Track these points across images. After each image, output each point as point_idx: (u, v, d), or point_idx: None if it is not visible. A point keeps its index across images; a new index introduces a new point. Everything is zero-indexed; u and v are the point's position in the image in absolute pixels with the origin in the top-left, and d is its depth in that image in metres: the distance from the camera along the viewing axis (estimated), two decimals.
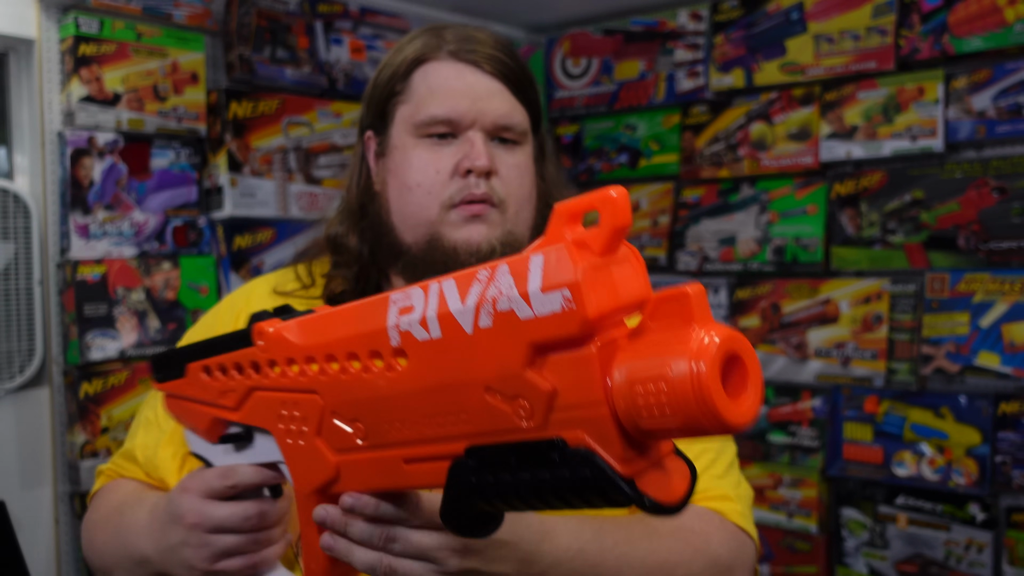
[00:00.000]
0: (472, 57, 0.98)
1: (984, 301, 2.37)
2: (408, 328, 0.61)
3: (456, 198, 0.96)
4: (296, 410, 0.71)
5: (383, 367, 0.64)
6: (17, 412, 2.22)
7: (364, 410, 0.66)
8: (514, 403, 0.56)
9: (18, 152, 2.29)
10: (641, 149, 3.06)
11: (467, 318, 0.57)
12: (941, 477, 2.42)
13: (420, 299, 0.60)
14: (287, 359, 0.71)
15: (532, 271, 0.53)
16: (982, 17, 2.37)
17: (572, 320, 0.51)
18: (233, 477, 0.79)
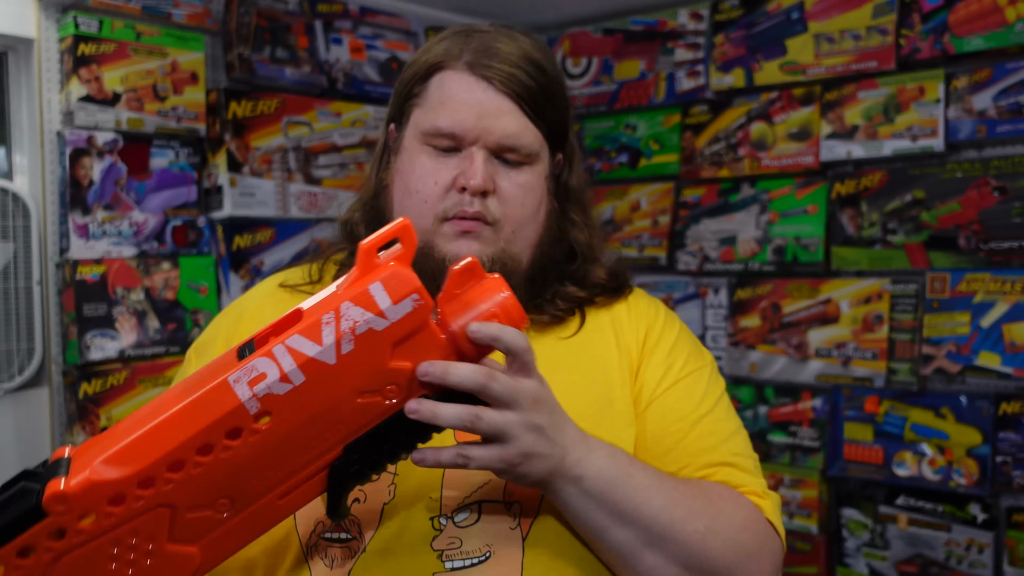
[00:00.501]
0: (486, 72, 0.95)
1: (985, 301, 2.37)
2: (267, 391, 0.70)
3: (450, 212, 0.96)
4: (133, 537, 0.69)
5: (244, 437, 0.70)
6: (16, 412, 2.22)
7: (228, 485, 0.71)
8: (384, 391, 0.73)
9: (17, 152, 2.29)
10: (641, 149, 3.06)
11: (328, 354, 0.70)
12: (942, 477, 2.42)
13: (269, 364, 0.70)
14: (109, 499, 0.67)
15: (377, 295, 0.71)
16: (983, 17, 2.36)
17: (422, 312, 0.73)
18: None
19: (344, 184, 2.74)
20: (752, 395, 2.79)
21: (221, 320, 1.09)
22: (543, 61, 0.99)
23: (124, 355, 2.28)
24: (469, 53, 0.97)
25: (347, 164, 2.76)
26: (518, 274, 0.99)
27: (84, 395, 2.21)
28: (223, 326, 1.06)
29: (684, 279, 2.95)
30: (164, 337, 2.36)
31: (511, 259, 0.98)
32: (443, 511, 0.90)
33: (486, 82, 0.96)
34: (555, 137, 1.02)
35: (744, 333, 2.79)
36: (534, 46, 1.00)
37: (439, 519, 0.90)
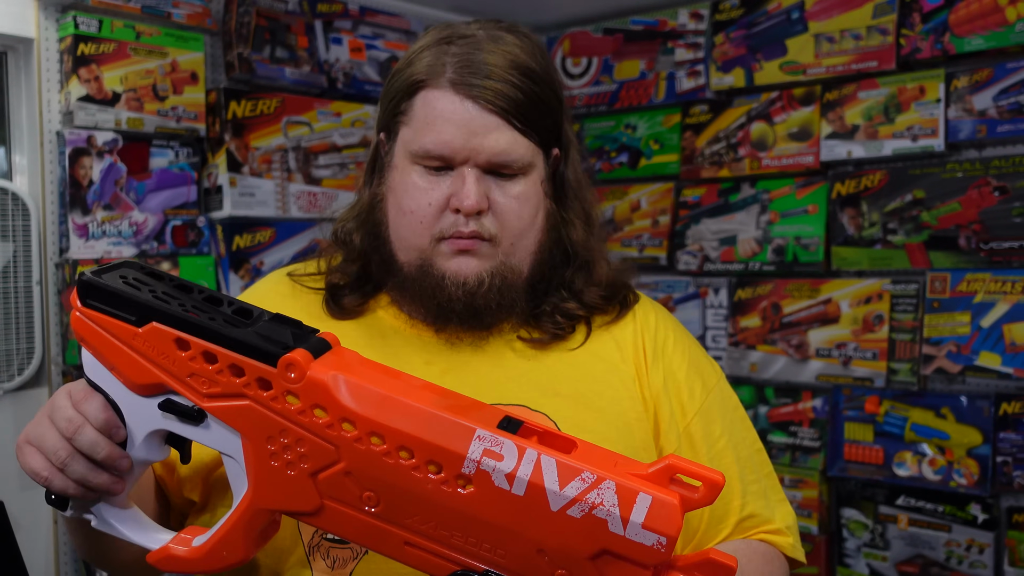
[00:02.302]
0: (471, 91, 0.93)
1: (985, 301, 2.36)
2: (489, 471, 0.69)
3: (447, 232, 0.96)
4: (300, 446, 0.72)
5: (438, 479, 0.70)
6: (16, 412, 2.22)
7: (389, 492, 0.72)
8: (556, 570, 0.70)
9: (17, 152, 2.29)
10: (641, 149, 3.06)
11: (558, 501, 0.68)
12: (942, 477, 2.41)
13: (512, 456, 0.69)
14: (316, 404, 0.71)
15: (638, 505, 0.67)
16: (983, 16, 2.36)
17: (655, 558, 0.68)
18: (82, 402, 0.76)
19: (344, 184, 2.74)
20: (752, 395, 2.79)
21: None
22: (530, 62, 0.97)
23: None
24: (452, 69, 0.95)
25: (347, 164, 2.76)
26: (519, 285, 0.99)
27: None
28: None
29: (684, 279, 2.94)
30: None
31: (511, 271, 0.98)
32: None
33: (471, 101, 0.94)
34: (549, 138, 1.01)
35: (744, 333, 2.79)
36: (522, 47, 0.98)
37: None
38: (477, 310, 0.96)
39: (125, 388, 0.76)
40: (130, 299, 0.73)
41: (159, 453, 0.79)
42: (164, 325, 0.73)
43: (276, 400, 0.72)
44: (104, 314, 0.74)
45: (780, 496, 1.06)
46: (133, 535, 0.79)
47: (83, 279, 0.74)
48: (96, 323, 0.74)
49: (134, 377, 0.74)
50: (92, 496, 0.78)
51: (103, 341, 0.74)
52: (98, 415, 0.75)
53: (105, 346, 0.74)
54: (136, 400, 0.76)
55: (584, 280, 1.05)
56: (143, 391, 0.75)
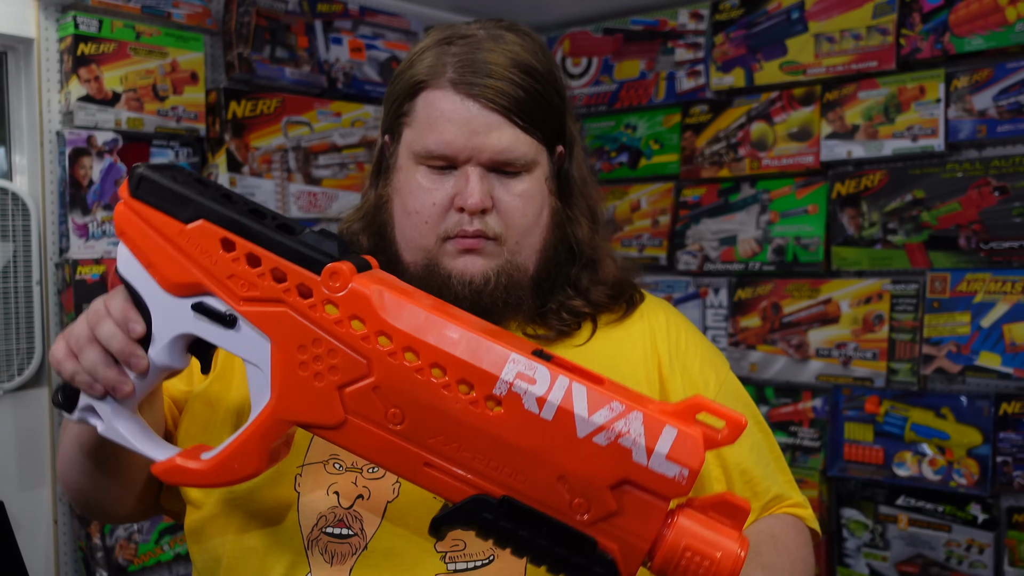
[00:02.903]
0: (471, 90, 0.94)
1: (985, 301, 2.36)
2: (520, 393, 0.70)
3: (451, 232, 0.96)
4: (330, 357, 0.72)
5: (468, 397, 0.71)
6: (16, 412, 2.22)
7: (415, 409, 0.71)
8: (575, 498, 0.70)
9: (17, 152, 2.29)
10: (641, 149, 3.06)
11: (585, 427, 0.69)
12: (942, 477, 2.41)
13: (545, 380, 0.70)
14: (354, 315, 0.72)
15: (663, 437, 0.68)
16: (983, 16, 2.36)
17: (676, 489, 0.68)
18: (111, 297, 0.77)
19: (344, 184, 2.74)
20: (752, 395, 2.78)
21: None
22: (532, 60, 0.97)
23: None
24: (453, 69, 0.95)
25: (347, 164, 2.76)
26: (525, 283, 0.99)
27: None
28: None
29: (684, 279, 2.94)
30: None
31: (517, 269, 0.98)
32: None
33: (472, 100, 0.94)
34: (552, 135, 1.01)
35: (744, 333, 2.79)
36: (523, 45, 0.98)
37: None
38: (484, 309, 0.96)
39: (158, 286, 0.75)
40: (182, 196, 0.74)
41: (180, 360, 0.79)
42: (213, 223, 0.73)
43: (314, 308, 0.72)
44: (153, 207, 0.74)
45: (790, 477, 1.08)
46: (139, 444, 0.79)
47: (137, 171, 0.75)
48: (142, 216, 0.74)
49: (171, 275, 0.74)
50: (99, 391, 0.78)
51: (145, 236, 0.74)
52: (116, 306, 0.76)
53: (146, 241, 0.75)
54: (167, 300, 0.76)
55: (590, 278, 1.05)
56: (177, 290, 0.75)
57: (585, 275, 1.05)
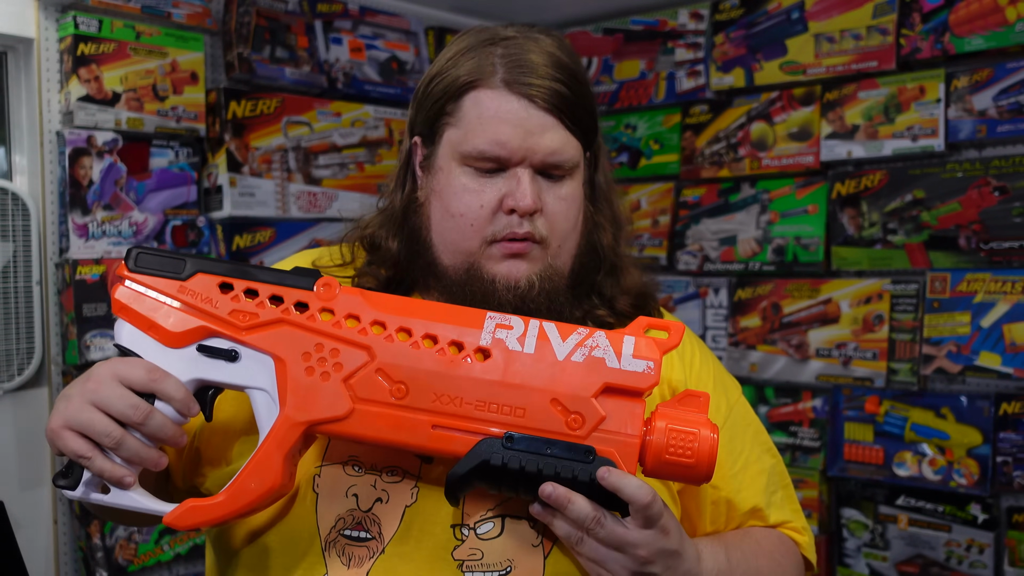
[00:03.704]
0: (527, 90, 0.93)
1: (985, 301, 2.36)
2: (503, 338, 0.83)
3: (499, 235, 0.94)
4: (333, 356, 0.82)
5: (460, 355, 0.82)
6: (16, 412, 2.22)
7: (417, 378, 0.81)
8: (570, 416, 0.81)
9: (17, 152, 2.29)
10: (641, 149, 3.06)
11: (563, 349, 0.82)
12: (942, 477, 2.41)
13: (520, 324, 0.84)
14: (348, 315, 0.83)
15: (626, 344, 0.83)
16: (983, 16, 2.36)
17: (646, 381, 0.82)
18: (159, 385, 0.81)
19: (344, 184, 2.74)
20: (752, 395, 2.79)
21: None
22: (570, 63, 0.97)
23: None
24: (504, 68, 0.94)
25: (347, 164, 2.76)
26: (563, 288, 0.98)
27: None
28: None
29: (684, 279, 2.94)
30: None
31: (556, 273, 0.97)
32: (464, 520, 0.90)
33: (527, 100, 0.93)
34: (589, 138, 1.00)
35: (744, 333, 2.79)
36: (559, 46, 0.97)
37: (461, 528, 0.90)
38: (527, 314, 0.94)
39: (159, 345, 0.84)
40: (176, 259, 0.86)
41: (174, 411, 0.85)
42: (209, 273, 0.85)
43: (312, 318, 0.83)
44: (153, 275, 0.85)
45: (796, 507, 1.09)
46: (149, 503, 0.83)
47: (132, 251, 0.87)
48: (144, 285, 0.85)
49: (172, 328, 0.84)
50: (131, 479, 0.82)
51: (142, 304, 0.85)
52: (176, 393, 0.82)
53: (144, 307, 0.85)
54: (170, 354, 0.84)
55: (613, 286, 1.04)
56: (179, 341, 0.84)
57: (608, 282, 1.04)
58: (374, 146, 2.81)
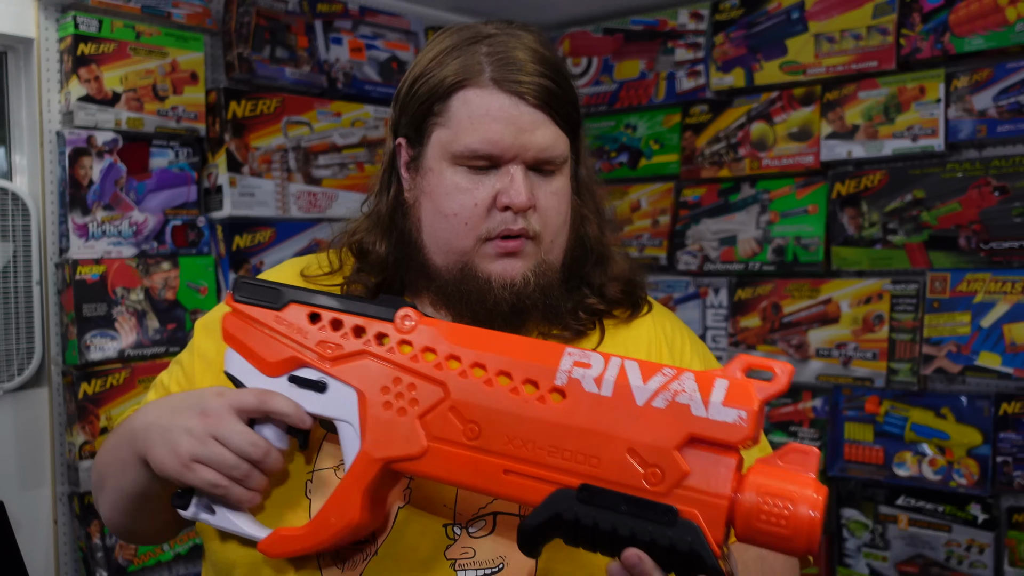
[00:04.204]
0: (516, 87, 0.93)
1: (985, 301, 2.36)
2: (579, 378, 0.76)
3: (494, 232, 0.94)
4: (410, 391, 0.81)
5: (534, 395, 0.77)
6: (16, 412, 2.21)
7: (490, 419, 0.78)
8: (648, 469, 0.73)
9: (17, 152, 2.29)
10: (641, 149, 3.06)
11: (643, 394, 0.74)
12: (942, 477, 2.41)
13: (599, 362, 0.77)
14: (425, 348, 0.82)
15: (716, 388, 0.72)
16: (983, 16, 2.36)
17: (737, 434, 0.71)
18: (270, 403, 0.84)
19: (344, 184, 2.74)
20: None
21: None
22: (553, 58, 0.97)
23: (124, 355, 2.28)
24: (491, 67, 0.93)
25: (347, 164, 2.76)
26: (556, 283, 0.98)
27: (84, 395, 2.21)
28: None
29: (684, 279, 2.94)
30: (164, 337, 2.35)
31: (549, 268, 0.97)
32: (457, 519, 0.90)
33: (517, 97, 0.93)
34: (574, 132, 1.00)
35: (744, 333, 2.79)
36: (540, 42, 0.97)
37: (453, 528, 0.90)
38: (523, 311, 0.96)
39: (259, 374, 0.87)
40: (272, 289, 0.88)
41: (284, 441, 0.88)
42: (300, 303, 0.87)
43: (391, 351, 0.82)
44: (252, 304, 0.89)
45: None
46: (247, 528, 0.88)
47: (238, 279, 0.90)
48: (245, 314, 0.89)
49: (269, 357, 0.87)
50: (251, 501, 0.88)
51: (246, 332, 0.88)
52: (288, 408, 0.85)
53: (247, 335, 0.88)
54: (269, 383, 0.87)
55: (602, 275, 1.05)
56: (275, 370, 0.86)
57: (597, 272, 1.05)
58: (374, 146, 2.81)
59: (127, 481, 0.95)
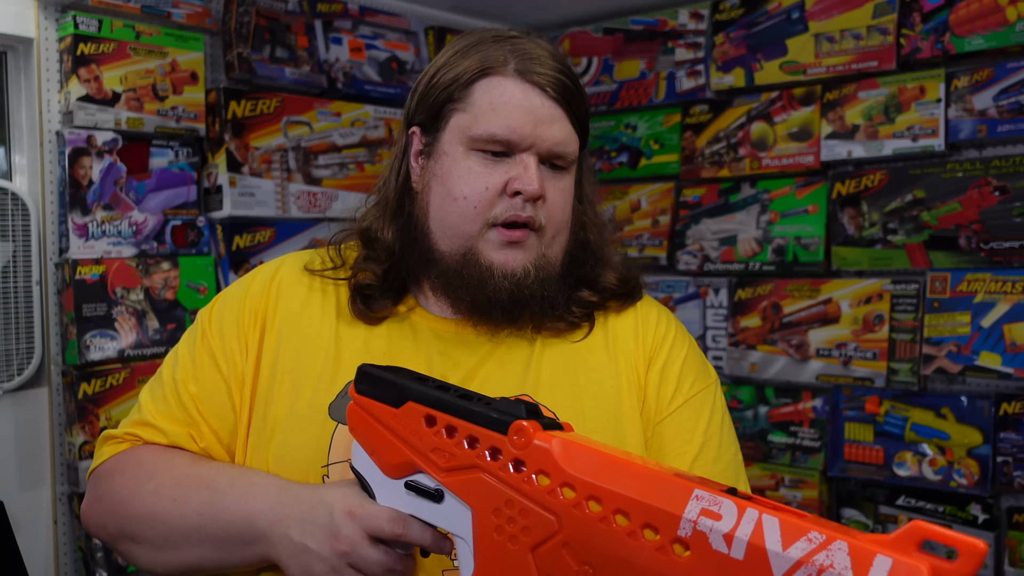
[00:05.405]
0: (538, 79, 0.96)
1: (985, 301, 2.36)
2: (706, 531, 0.63)
3: (501, 217, 0.96)
4: (523, 518, 0.73)
5: (654, 543, 0.66)
6: (16, 412, 2.21)
7: (606, 564, 0.68)
8: None
9: (17, 152, 2.29)
10: (641, 149, 3.06)
11: (781, 564, 0.60)
12: (942, 478, 2.41)
13: (732, 514, 0.63)
14: (540, 469, 0.72)
15: (876, 568, 0.58)
16: (983, 16, 2.36)
17: None
18: (405, 529, 0.80)
19: (344, 184, 2.73)
20: (752, 395, 2.79)
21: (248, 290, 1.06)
22: (568, 63, 1.02)
23: (124, 355, 2.28)
24: (515, 59, 0.97)
25: (347, 164, 2.76)
26: (555, 279, 1.00)
27: (83, 395, 2.21)
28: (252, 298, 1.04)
29: (684, 279, 2.94)
30: (163, 337, 2.35)
31: (549, 264, 1.00)
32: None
33: (539, 88, 0.96)
34: (584, 135, 1.04)
35: (744, 333, 2.79)
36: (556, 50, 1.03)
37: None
38: (522, 301, 0.98)
39: (380, 473, 0.82)
40: (390, 382, 0.82)
41: (405, 547, 0.84)
42: (418, 403, 0.80)
43: (503, 468, 0.74)
44: (371, 398, 0.83)
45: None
46: None
47: (360, 368, 0.84)
48: (365, 408, 0.83)
49: (389, 458, 0.81)
50: None
51: (368, 426, 0.83)
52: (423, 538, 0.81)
53: (369, 431, 0.83)
54: (388, 483, 0.82)
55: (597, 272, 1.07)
56: (394, 472, 0.81)
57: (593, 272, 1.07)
58: (374, 146, 2.81)
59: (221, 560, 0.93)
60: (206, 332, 1.03)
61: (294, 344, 1.00)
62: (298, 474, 0.94)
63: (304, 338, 1.01)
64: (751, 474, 2.72)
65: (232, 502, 0.91)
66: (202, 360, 1.01)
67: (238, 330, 1.02)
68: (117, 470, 1.00)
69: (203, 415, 1.00)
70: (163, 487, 0.95)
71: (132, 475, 0.98)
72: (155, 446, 1.01)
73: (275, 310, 1.02)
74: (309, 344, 1.00)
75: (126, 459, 1.01)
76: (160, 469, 0.97)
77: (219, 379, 1.00)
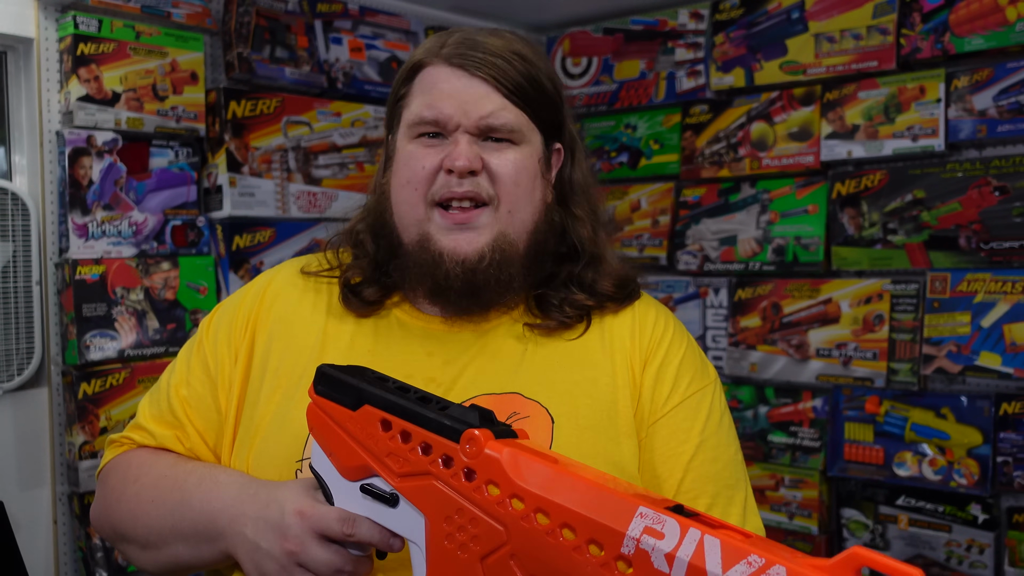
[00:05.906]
0: (462, 62, 0.99)
1: (985, 301, 2.36)
2: (648, 550, 0.64)
3: (438, 195, 0.98)
4: (473, 527, 0.73)
5: (598, 559, 0.66)
6: (16, 412, 2.21)
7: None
8: None
9: (17, 152, 2.29)
10: (641, 149, 3.06)
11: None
12: (942, 478, 2.41)
13: (675, 533, 0.63)
14: (490, 479, 0.73)
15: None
16: (983, 16, 2.36)
17: None
18: (354, 529, 0.81)
19: (344, 184, 2.73)
20: (752, 395, 2.79)
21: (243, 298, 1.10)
22: (531, 55, 1.02)
23: (123, 355, 2.28)
24: (449, 47, 1.01)
25: (347, 164, 2.76)
26: (517, 260, 1.01)
27: (83, 395, 2.21)
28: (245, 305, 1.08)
29: (684, 279, 2.94)
30: (163, 337, 2.35)
31: (509, 244, 1.00)
32: None
33: (462, 70, 0.99)
34: (546, 126, 1.04)
35: (744, 333, 2.79)
36: (524, 44, 1.04)
37: None
38: (476, 287, 0.98)
39: (338, 475, 0.82)
40: (348, 384, 0.81)
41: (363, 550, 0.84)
42: (374, 407, 0.79)
43: (455, 477, 0.74)
44: (328, 399, 0.82)
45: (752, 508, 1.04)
46: None
47: (319, 369, 0.84)
48: (324, 409, 0.83)
49: (346, 460, 0.81)
50: None
51: (326, 427, 0.82)
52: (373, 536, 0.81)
53: (327, 432, 0.82)
54: (345, 486, 0.82)
55: (594, 274, 1.07)
56: (351, 474, 0.81)
57: (589, 272, 1.07)
58: (374, 146, 2.81)
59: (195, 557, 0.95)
60: (202, 339, 1.08)
61: (283, 343, 1.04)
62: (273, 470, 0.96)
63: (293, 336, 1.04)
64: (751, 474, 2.71)
65: (198, 501, 0.94)
66: (195, 366, 1.06)
67: (230, 337, 1.06)
68: (112, 472, 1.06)
69: (190, 417, 1.04)
70: (145, 489, 0.99)
71: (122, 477, 1.03)
72: (146, 448, 1.06)
73: (268, 314, 1.06)
74: (297, 342, 1.03)
75: (120, 462, 1.06)
76: (144, 471, 1.01)
77: (207, 383, 1.04)
